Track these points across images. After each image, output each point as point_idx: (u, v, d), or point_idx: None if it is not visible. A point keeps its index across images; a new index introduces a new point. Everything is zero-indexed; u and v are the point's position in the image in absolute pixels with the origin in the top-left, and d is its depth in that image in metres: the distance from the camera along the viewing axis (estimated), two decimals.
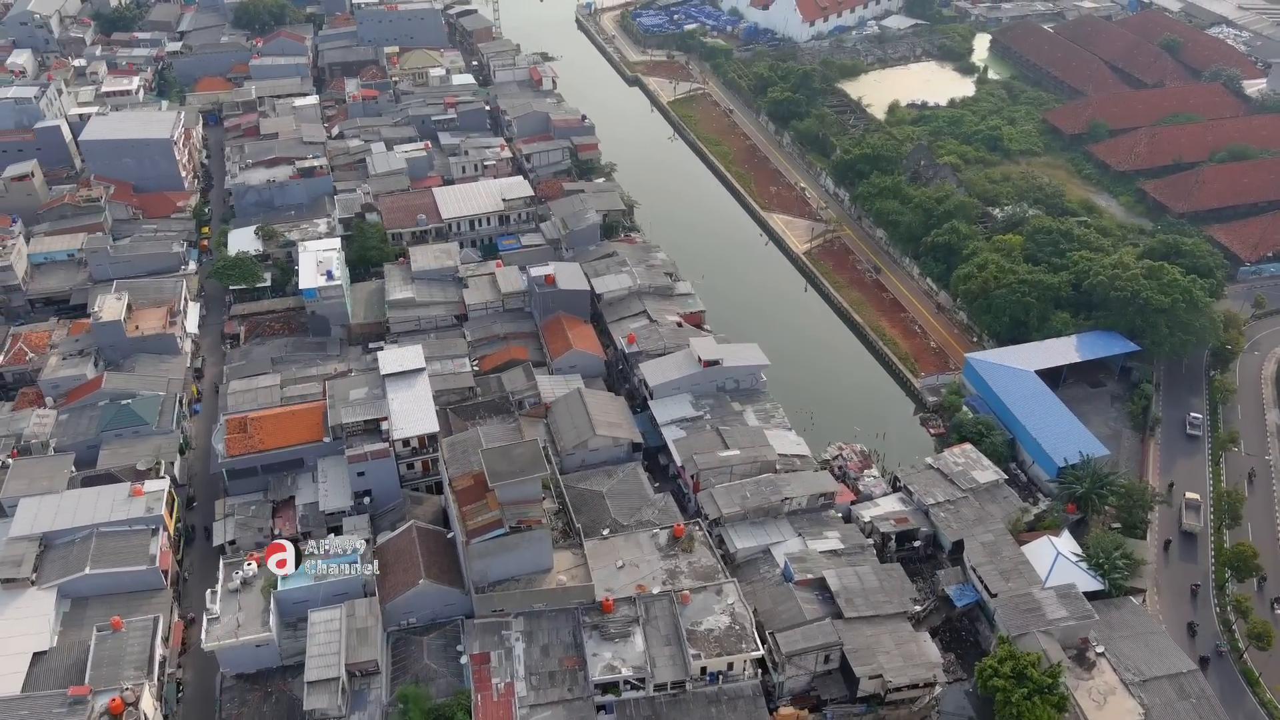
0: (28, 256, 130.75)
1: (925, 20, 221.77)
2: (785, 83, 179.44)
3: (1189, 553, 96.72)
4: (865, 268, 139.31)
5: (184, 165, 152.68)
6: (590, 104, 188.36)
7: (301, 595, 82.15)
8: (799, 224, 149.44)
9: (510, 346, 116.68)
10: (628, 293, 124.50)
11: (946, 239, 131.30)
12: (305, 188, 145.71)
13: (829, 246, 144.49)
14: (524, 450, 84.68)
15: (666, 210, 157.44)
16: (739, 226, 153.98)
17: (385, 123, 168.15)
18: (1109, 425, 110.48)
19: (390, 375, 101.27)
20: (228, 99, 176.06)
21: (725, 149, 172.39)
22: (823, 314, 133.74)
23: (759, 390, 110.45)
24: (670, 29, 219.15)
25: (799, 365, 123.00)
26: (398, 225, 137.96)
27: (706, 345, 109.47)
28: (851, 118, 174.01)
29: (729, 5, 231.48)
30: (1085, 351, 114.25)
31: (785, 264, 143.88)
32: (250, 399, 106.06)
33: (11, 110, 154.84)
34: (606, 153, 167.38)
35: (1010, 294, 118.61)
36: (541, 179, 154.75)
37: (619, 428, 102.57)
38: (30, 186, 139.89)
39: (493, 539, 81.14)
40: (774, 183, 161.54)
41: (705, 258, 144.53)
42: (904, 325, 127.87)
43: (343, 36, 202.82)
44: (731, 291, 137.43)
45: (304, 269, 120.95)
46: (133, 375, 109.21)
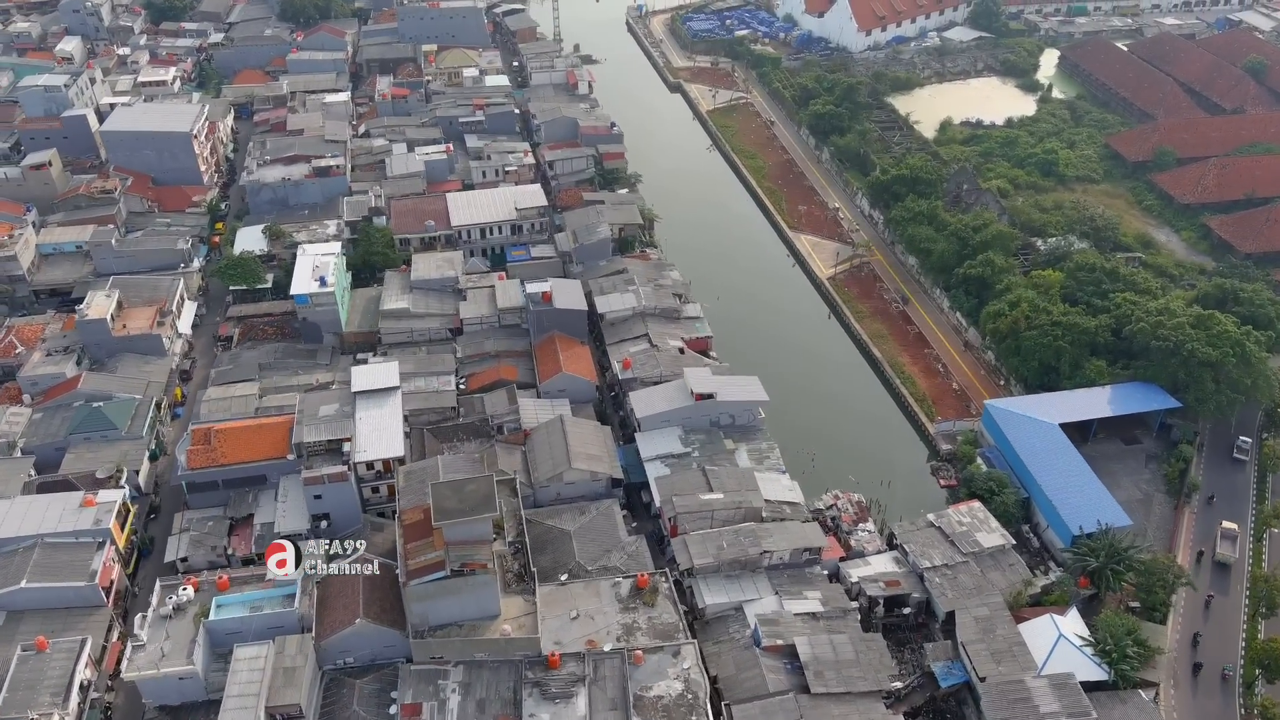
0: (37, 247, 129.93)
1: (990, 33, 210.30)
2: (829, 95, 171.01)
3: (1220, 583, 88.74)
4: (892, 297, 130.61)
5: (205, 159, 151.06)
6: (629, 110, 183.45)
7: (234, 626, 77.94)
8: (827, 246, 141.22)
9: (500, 365, 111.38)
10: (631, 313, 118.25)
11: (979, 271, 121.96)
12: (320, 187, 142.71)
13: (856, 272, 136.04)
14: (477, 487, 79.16)
15: (691, 225, 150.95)
16: (764, 246, 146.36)
17: (412, 123, 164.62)
18: (1140, 488, 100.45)
19: (361, 393, 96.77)
20: (259, 93, 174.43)
21: (760, 163, 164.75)
22: (841, 345, 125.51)
23: (756, 427, 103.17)
24: (720, 34, 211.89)
25: (808, 399, 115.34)
26: (406, 230, 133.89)
27: (701, 377, 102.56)
28: (897, 135, 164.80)
29: (784, 11, 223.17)
30: (1120, 405, 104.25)
31: (809, 288, 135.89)
32: (224, 408, 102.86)
33: (41, 98, 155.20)
34: (641, 161, 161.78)
35: (1041, 336, 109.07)
36: (563, 187, 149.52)
37: (598, 461, 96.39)
38: (47, 175, 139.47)
39: (434, 581, 75.79)
40: (806, 201, 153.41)
41: (724, 278, 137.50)
42: (926, 363, 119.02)
43: (384, 33, 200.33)
44: (748, 315, 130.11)
45: (299, 273, 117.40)
46: (112, 376, 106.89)
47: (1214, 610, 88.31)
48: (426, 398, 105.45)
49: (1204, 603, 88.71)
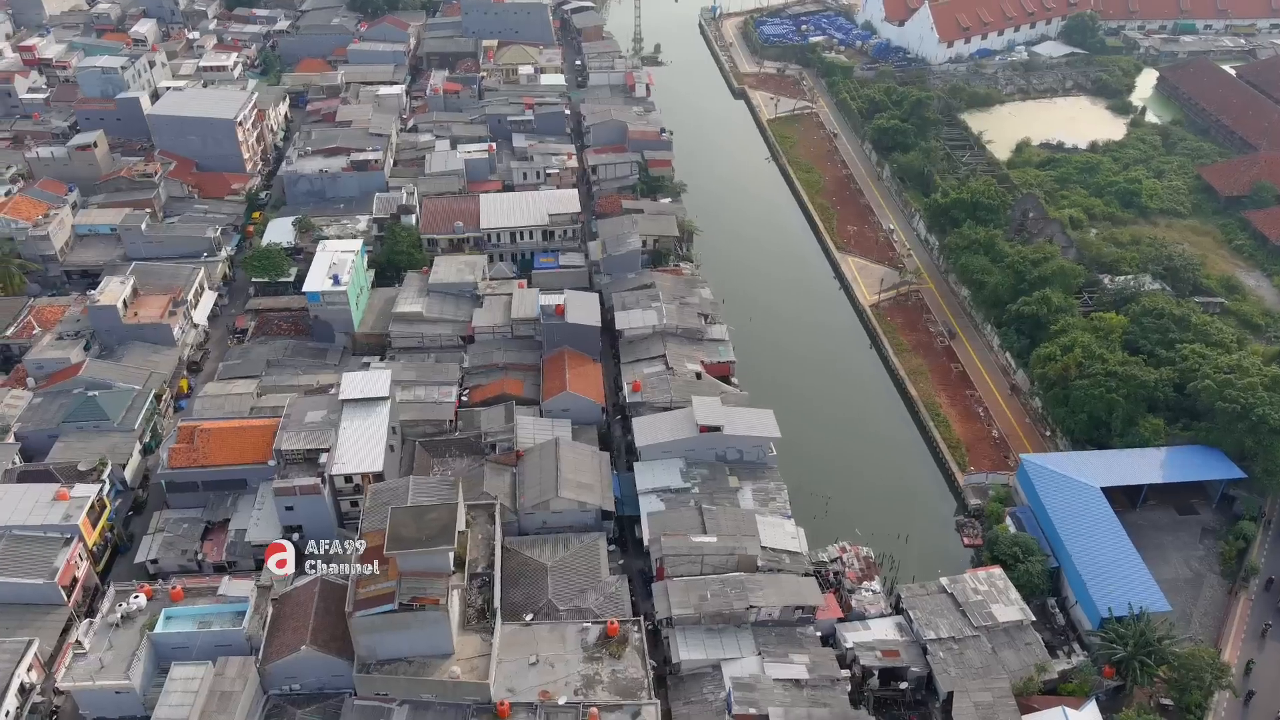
0: (73, 227, 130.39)
1: (1084, 50, 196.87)
2: (897, 109, 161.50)
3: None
4: (939, 330, 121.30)
5: (249, 147, 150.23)
6: (688, 115, 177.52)
7: (180, 641, 74.78)
8: (875, 270, 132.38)
9: (506, 379, 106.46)
10: (651, 332, 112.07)
11: (1034, 309, 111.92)
12: (358, 181, 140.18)
13: (903, 300, 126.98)
14: (438, 516, 74.29)
15: (734, 239, 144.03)
16: (808, 266, 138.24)
17: (461, 119, 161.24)
18: (1191, 565, 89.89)
19: (350, 401, 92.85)
20: (315, 82, 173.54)
21: (816, 177, 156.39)
22: (876, 379, 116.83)
23: (765, 465, 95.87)
24: (792, 40, 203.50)
25: (831, 436, 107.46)
26: (434, 230, 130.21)
27: (709, 407, 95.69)
28: (966, 154, 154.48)
29: (864, 18, 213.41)
30: (1176, 470, 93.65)
31: (850, 315, 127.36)
32: (218, 405, 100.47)
33: (98, 79, 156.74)
34: (694, 170, 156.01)
35: (1093, 387, 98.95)
36: (604, 193, 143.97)
37: (588, 490, 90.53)
38: (92, 156, 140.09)
39: (380, 614, 71.04)
40: (860, 220, 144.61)
41: (761, 298, 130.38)
42: (965, 405, 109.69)
43: (448, 26, 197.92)
44: (780, 340, 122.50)
45: (314, 269, 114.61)
46: (116, 364, 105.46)
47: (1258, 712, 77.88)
48: (424, 408, 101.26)
49: (1243, 700, 78.30)
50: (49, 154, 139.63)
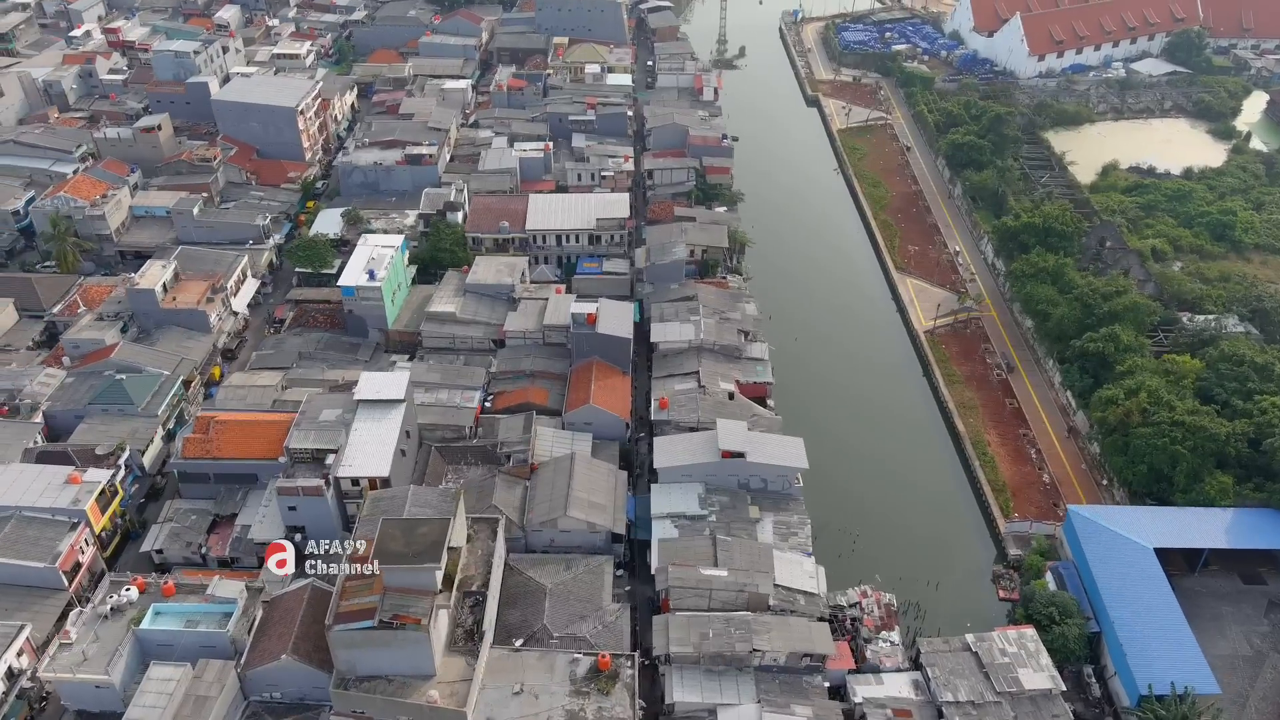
0: (130, 208, 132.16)
1: (1188, 69, 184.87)
2: (975, 123, 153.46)
3: None
4: (997, 363, 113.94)
5: (310, 136, 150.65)
6: (757, 121, 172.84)
7: (165, 639, 73.53)
8: (934, 294, 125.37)
9: (531, 387, 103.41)
10: (687, 347, 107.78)
11: (1100, 346, 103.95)
12: (411, 175, 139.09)
13: (961, 328, 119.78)
14: (429, 531, 71.42)
15: (790, 253, 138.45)
16: (864, 285, 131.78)
17: (523, 116, 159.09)
18: (1252, 642, 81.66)
19: (365, 401, 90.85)
20: (383, 73, 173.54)
21: (883, 191, 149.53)
22: (923, 410, 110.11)
23: (790, 496, 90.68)
24: (873, 47, 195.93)
25: (867, 470, 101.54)
26: (479, 229, 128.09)
27: (733, 431, 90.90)
28: (1046, 175, 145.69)
29: (952, 27, 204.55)
30: (1242, 535, 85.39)
31: (903, 340, 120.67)
32: (240, 396, 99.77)
33: (171, 63, 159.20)
34: (756, 178, 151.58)
35: (1156, 436, 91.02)
36: (658, 199, 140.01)
37: (599, 511, 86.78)
38: (155, 139, 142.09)
39: (359, 630, 68.51)
40: (925, 239, 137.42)
41: (810, 316, 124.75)
42: (1017, 445, 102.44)
43: (521, 22, 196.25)
44: (824, 362, 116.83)
45: (352, 263, 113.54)
46: (149, 348, 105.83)
47: None
48: (444, 412, 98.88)
49: None
50: (115, 135, 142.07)
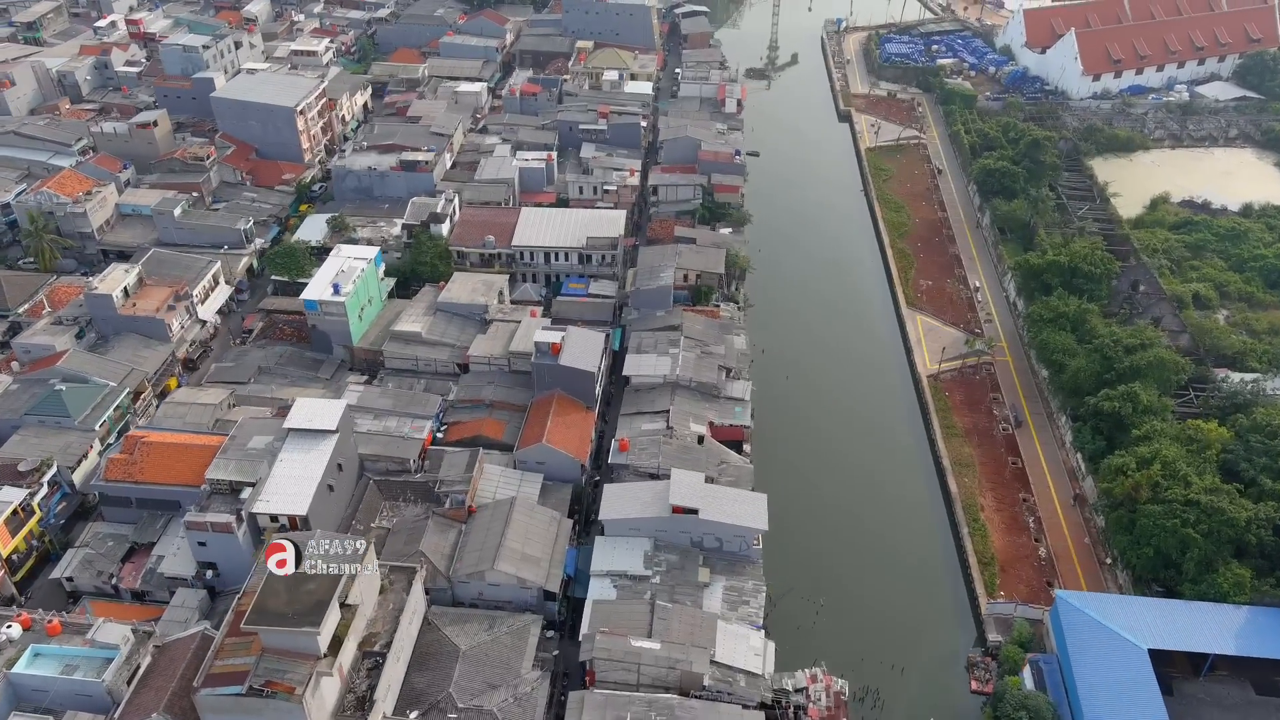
0: (117, 206, 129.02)
1: (1260, 94, 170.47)
2: (1012, 147, 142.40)
3: None
4: (1004, 415, 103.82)
5: (311, 137, 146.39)
6: (783, 136, 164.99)
7: (39, 684, 68.43)
8: (944, 334, 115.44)
9: (487, 419, 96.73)
10: (662, 382, 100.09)
11: (1116, 405, 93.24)
12: (406, 182, 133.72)
13: (969, 374, 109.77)
14: (317, 588, 65.11)
15: (796, 281, 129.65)
16: (871, 320, 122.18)
17: (533, 123, 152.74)
18: None
19: (296, 430, 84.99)
20: (395, 74, 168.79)
21: (904, 217, 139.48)
22: (914, 465, 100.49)
23: (747, 558, 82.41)
24: (916, 61, 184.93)
25: (840, 530, 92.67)
26: (464, 242, 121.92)
27: (687, 485, 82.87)
28: (1085, 207, 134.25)
29: (1003, 42, 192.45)
30: (1257, 640, 74.53)
31: (906, 384, 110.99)
32: (180, 415, 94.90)
33: (179, 57, 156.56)
34: (773, 198, 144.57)
35: (1167, 515, 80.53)
36: (661, 216, 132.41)
37: (532, 565, 79.66)
38: (151, 135, 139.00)
39: (228, 694, 62.45)
40: (942, 272, 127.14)
41: (806, 353, 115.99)
42: (1014, 512, 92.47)
43: (549, 24, 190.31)
44: (814, 406, 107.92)
45: (319, 275, 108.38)
46: (99, 357, 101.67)
47: None
48: (389, 443, 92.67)
49: None
50: (112, 129, 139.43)
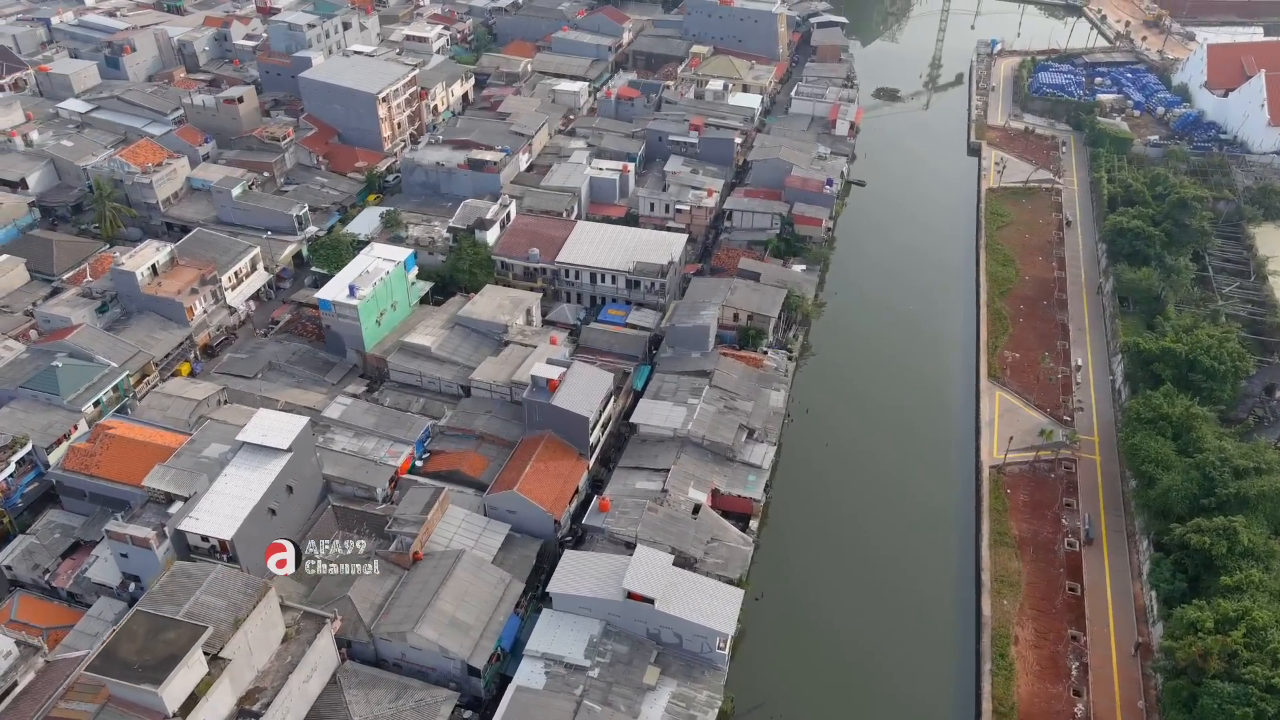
0: (188, 180, 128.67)
1: None
2: (1157, 204, 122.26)
3: None
4: (1073, 527, 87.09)
5: (394, 125, 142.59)
6: (900, 167, 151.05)
7: None
8: (1023, 418, 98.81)
9: (472, 453, 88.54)
10: (671, 435, 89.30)
11: (1209, 542, 75.57)
12: (472, 181, 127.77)
13: (1043, 470, 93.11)
14: (177, 638, 58.49)
15: (865, 333, 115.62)
16: (941, 391, 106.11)
17: (623, 130, 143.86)
18: None
19: (250, 445, 79.16)
20: (499, 66, 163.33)
21: (1012, 272, 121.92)
22: (948, 577, 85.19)
23: (709, 663, 70.79)
24: (1070, 93, 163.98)
25: (836, 648, 79.02)
26: (509, 253, 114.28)
27: (650, 567, 71.82)
28: (1235, 284, 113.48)
29: (1181, 80, 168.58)
30: None
31: (965, 472, 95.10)
32: (162, 408, 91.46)
33: (284, 35, 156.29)
34: (870, 234, 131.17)
35: (1238, 700, 63.49)
36: (730, 244, 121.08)
37: (459, 634, 70.89)
38: (235, 111, 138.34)
39: None
40: (1041, 343, 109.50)
41: (857, 421, 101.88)
42: (1054, 652, 76.43)
43: (670, 25, 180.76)
44: (849, 486, 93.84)
45: (342, 274, 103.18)
46: (111, 335, 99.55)
47: None
48: (359, 466, 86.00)
49: None
50: (201, 102, 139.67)
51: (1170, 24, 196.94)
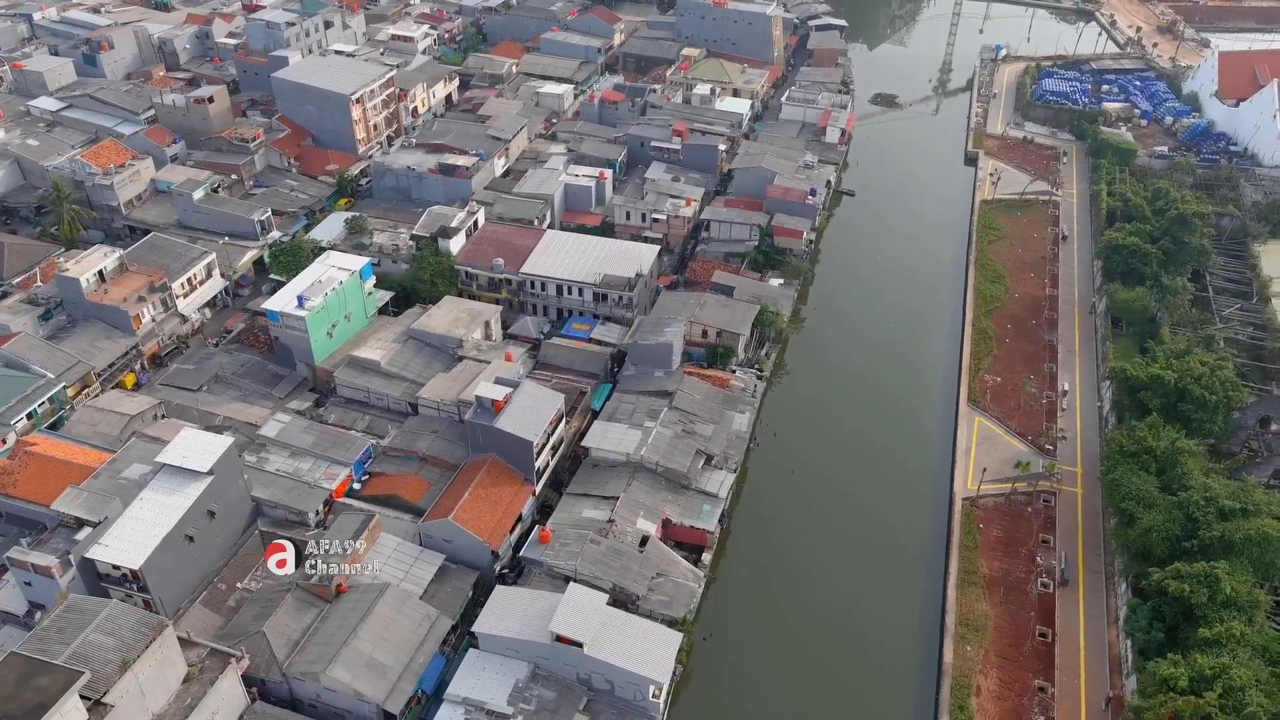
0: (153, 181, 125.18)
1: None
2: (1157, 219, 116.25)
3: None
4: (1047, 566, 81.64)
5: (368, 128, 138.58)
6: (894, 176, 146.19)
7: None
8: (1002, 446, 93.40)
9: (413, 475, 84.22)
10: (625, 460, 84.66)
11: (1188, 590, 70.14)
12: (443, 186, 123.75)
13: (1018, 503, 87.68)
14: (52, 684, 54.34)
15: (843, 352, 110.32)
16: (918, 416, 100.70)
17: (603, 135, 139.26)
18: None
19: (170, 467, 75.07)
20: (480, 67, 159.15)
21: (1001, 289, 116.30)
22: (913, 615, 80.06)
23: (642, 710, 66.14)
24: (1074, 101, 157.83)
25: (780, 696, 73.98)
26: (472, 263, 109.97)
27: (579, 610, 67.11)
28: (1235, 305, 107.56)
29: (1191, 89, 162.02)
30: None
31: (937, 504, 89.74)
32: (92, 423, 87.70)
33: (262, 33, 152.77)
34: (855, 246, 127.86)
35: None
36: (706, 256, 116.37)
37: (374, 676, 66.52)
38: (206, 111, 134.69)
39: None
40: (1026, 365, 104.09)
41: (826, 445, 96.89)
42: (1018, 705, 71.06)
43: (664, 27, 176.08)
44: (813, 515, 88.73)
45: (293, 283, 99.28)
46: (50, 345, 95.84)
47: None
48: (293, 489, 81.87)
49: None
50: (171, 101, 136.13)
51: (1184, 30, 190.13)
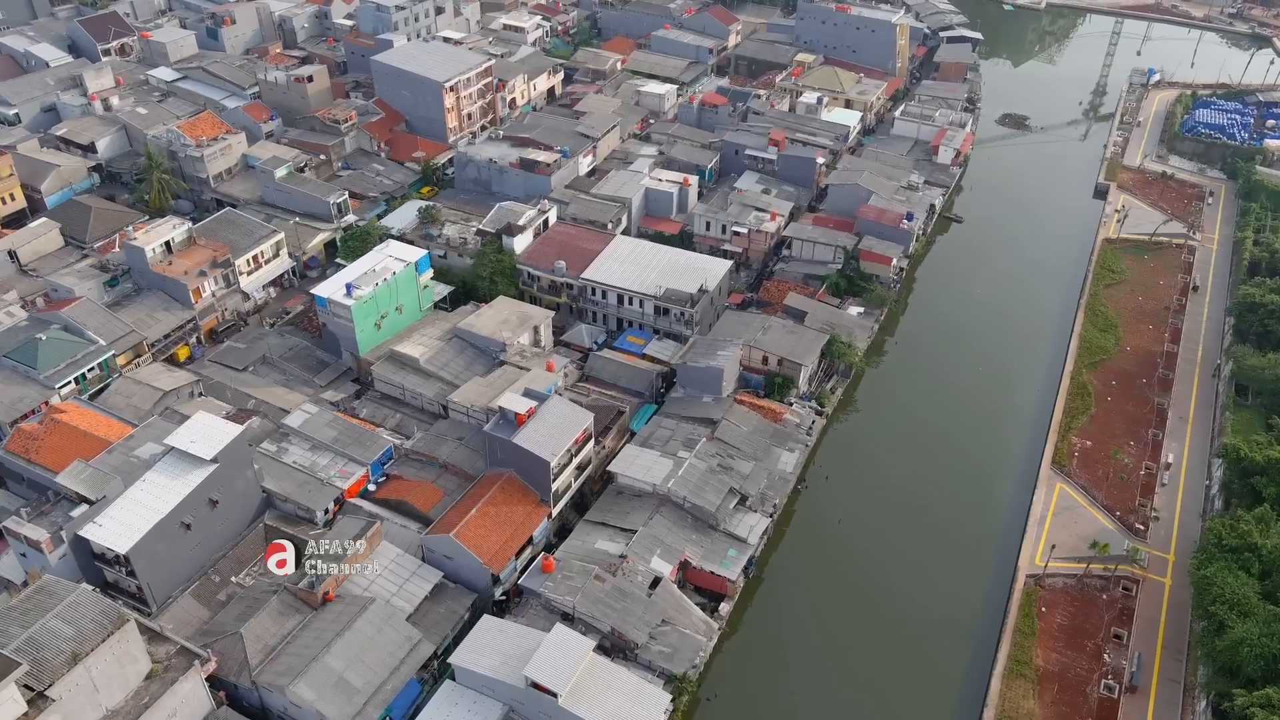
0: (244, 157, 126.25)
1: None
2: None
3: None
4: (1113, 666, 71.05)
5: (461, 116, 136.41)
6: (1013, 204, 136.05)
7: None
8: (1083, 519, 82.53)
9: (429, 483, 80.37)
10: (651, 491, 78.61)
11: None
12: (523, 181, 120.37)
13: (1091, 588, 76.95)
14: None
15: (921, 396, 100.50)
16: (992, 476, 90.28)
17: (699, 139, 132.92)
18: None
19: (177, 450, 73.35)
20: (585, 62, 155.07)
21: (1110, 340, 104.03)
22: (950, 707, 70.91)
23: None
24: (1231, 135, 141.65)
25: None
26: (534, 264, 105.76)
27: (560, 655, 61.43)
28: None
29: None
30: None
31: (998, 580, 79.70)
32: (127, 395, 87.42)
33: (372, 16, 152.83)
34: (959, 279, 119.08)
35: None
36: (784, 276, 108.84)
37: (342, 697, 62.77)
38: (304, 90, 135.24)
39: None
40: (1126, 431, 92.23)
41: (884, 497, 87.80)
42: None
43: (782, 30, 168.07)
44: (853, 580, 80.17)
45: (346, 270, 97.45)
46: (108, 312, 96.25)
47: None
48: (305, 484, 79.22)
49: None
50: (274, 79, 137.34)
51: None
